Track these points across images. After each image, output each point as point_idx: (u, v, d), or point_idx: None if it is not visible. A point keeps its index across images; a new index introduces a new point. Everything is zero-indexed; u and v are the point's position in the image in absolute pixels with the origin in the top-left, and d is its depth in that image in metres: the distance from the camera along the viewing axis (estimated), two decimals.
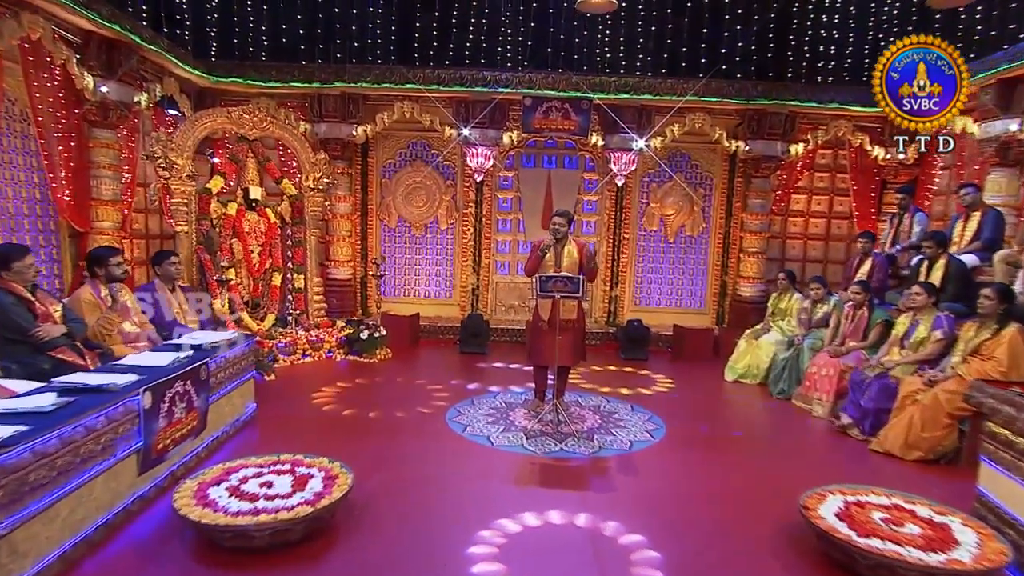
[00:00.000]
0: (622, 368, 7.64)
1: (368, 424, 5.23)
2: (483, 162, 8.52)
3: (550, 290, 5.08)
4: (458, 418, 5.44)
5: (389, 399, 5.97)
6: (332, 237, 8.90)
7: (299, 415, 5.38)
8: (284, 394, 6.01)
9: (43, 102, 6.09)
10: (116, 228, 6.88)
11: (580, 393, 6.31)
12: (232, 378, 4.77)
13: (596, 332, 8.76)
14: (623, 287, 9.18)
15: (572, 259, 5.38)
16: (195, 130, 6.88)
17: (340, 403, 5.75)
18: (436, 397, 6.06)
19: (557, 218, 5.42)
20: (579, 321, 5.48)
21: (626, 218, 9.07)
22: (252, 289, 7.49)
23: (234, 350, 4.80)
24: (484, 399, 6.03)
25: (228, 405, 4.72)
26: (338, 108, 8.42)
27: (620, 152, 8.38)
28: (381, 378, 6.79)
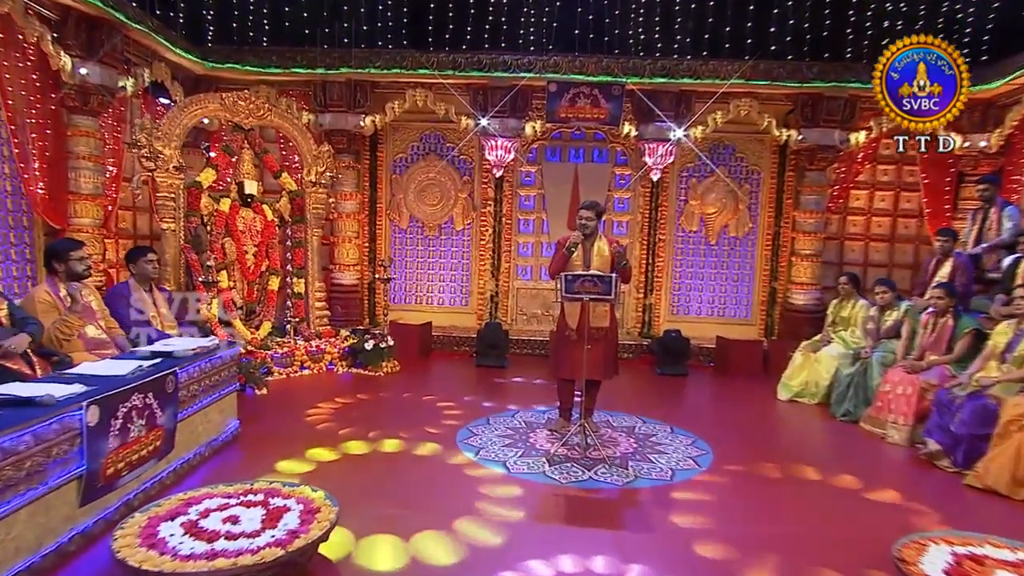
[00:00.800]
0: (659, 384, 7.15)
1: (364, 445, 4.75)
2: (503, 155, 8.10)
3: (577, 291, 4.59)
4: (471, 440, 4.96)
5: (393, 417, 5.55)
6: (337, 238, 8.53)
7: (289, 434, 4.94)
8: (275, 410, 5.61)
9: (14, 84, 5.80)
10: (96, 225, 6.56)
11: (611, 412, 5.81)
12: (209, 391, 4.35)
13: (628, 344, 8.26)
14: (658, 294, 8.65)
15: (603, 258, 4.93)
16: (184, 117, 6.55)
17: (337, 421, 5.32)
18: (447, 415, 5.60)
19: (584, 211, 4.98)
20: (612, 329, 5.05)
21: (662, 217, 8.57)
22: (246, 294, 7.12)
23: (212, 359, 4.38)
24: (501, 418, 5.56)
25: (204, 422, 4.30)
26: (344, 96, 8.08)
27: (656, 143, 7.91)
28: (386, 393, 6.36)
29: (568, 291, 4.63)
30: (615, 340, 5.19)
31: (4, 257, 6.16)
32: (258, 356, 6.57)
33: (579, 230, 4.93)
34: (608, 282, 4.53)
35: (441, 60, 7.82)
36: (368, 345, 7.06)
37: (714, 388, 7.01)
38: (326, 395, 6.08)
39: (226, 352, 4.59)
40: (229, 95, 6.86)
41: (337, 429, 5.10)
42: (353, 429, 5.10)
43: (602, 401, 5.41)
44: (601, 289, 4.55)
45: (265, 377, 6.47)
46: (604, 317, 4.99)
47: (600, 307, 4.91)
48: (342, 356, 7.21)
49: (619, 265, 4.86)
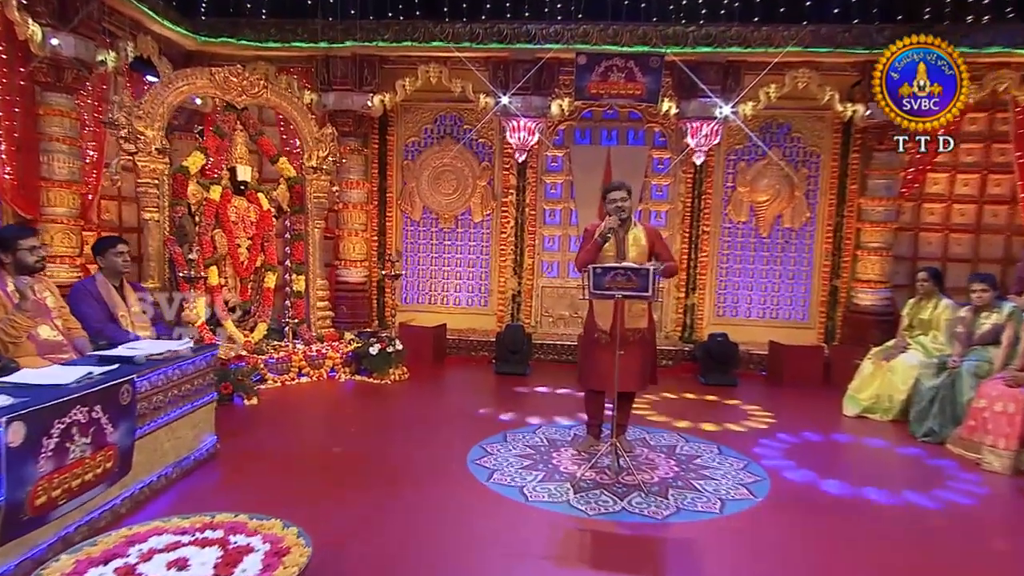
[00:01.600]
0: (703, 396, 6.66)
1: (361, 466, 4.35)
2: (526, 138, 7.70)
3: (608, 287, 4.13)
4: (483, 460, 4.52)
5: (396, 432, 5.18)
6: (342, 231, 8.19)
7: (275, 453, 4.58)
8: (264, 423, 5.27)
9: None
10: (72, 215, 6.28)
11: (648, 428, 5.35)
12: (178, 402, 3.98)
13: (667, 350, 7.80)
14: (702, 294, 8.14)
15: (640, 248, 4.52)
16: (168, 94, 6.25)
17: (332, 436, 4.98)
18: (458, 430, 5.21)
19: (616, 192, 4.54)
20: (650, 332, 4.63)
21: (706, 206, 8.06)
22: (240, 292, 6.77)
23: (182, 365, 4.00)
24: (520, 434, 5.13)
25: (171, 439, 3.92)
26: (350, 73, 7.75)
27: (699, 122, 7.44)
28: (391, 404, 6.00)
29: (597, 286, 4.18)
30: (653, 344, 4.76)
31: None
32: (251, 361, 6.21)
33: (612, 214, 4.48)
34: (645, 276, 4.06)
35: (457, 31, 7.44)
36: (373, 350, 6.67)
37: (768, 401, 6.46)
38: (323, 406, 5.75)
39: (200, 357, 4.20)
40: (220, 70, 6.53)
41: (330, 446, 4.71)
42: (345, 447, 4.71)
43: (637, 415, 4.92)
44: (636, 284, 4.09)
45: (257, 385, 6.12)
46: (641, 317, 4.58)
47: (636, 306, 4.51)
48: (345, 362, 6.84)
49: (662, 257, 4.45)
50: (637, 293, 4.13)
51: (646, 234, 4.60)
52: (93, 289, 4.61)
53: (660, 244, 4.64)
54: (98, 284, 4.65)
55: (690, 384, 7.09)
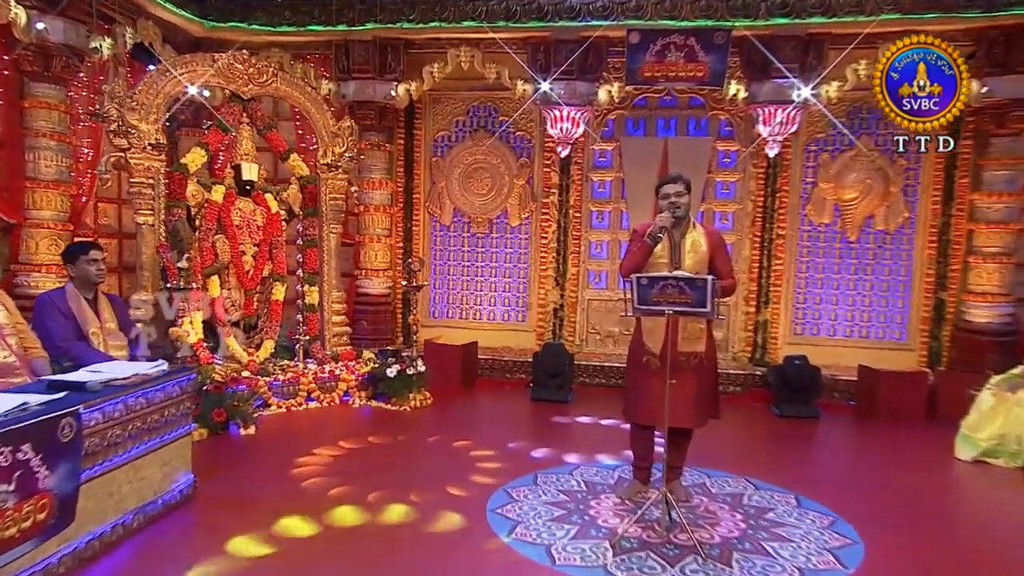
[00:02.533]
0: (777, 431, 6.08)
1: (357, 517, 3.92)
2: (570, 130, 7.28)
3: (656, 300, 3.65)
4: (507, 508, 4.06)
5: (408, 470, 4.79)
6: (363, 237, 7.89)
7: (262, 495, 4.21)
8: (257, 457, 4.95)
9: None
10: (61, 219, 6.14)
11: (709, 471, 4.82)
12: (143, 436, 3.65)
13: (734, 374, 7.24)
14: (776, 308, 7.54)
15: (698, 255, 4.06)
16: (166, 84, 6.04)
17: (332, 474, 4.59)
18: (481, 469, 4.77)
19: (671, 185, 4.12)
20: (709, 356, 4.16)
21: (781, 206, 7.48)
22: (244, 304, 6.49)
23: (148, 392, 3.65)
24: (554, 475, 4.66)
25: (132, 481, 3.58)
26: (371, 60, 7.48)
27: (773, 107, 6.87)
28: (407, 436, 5.62)
29: (643, 300, 3.70)
30: (714, 372, 4.28)
31: None
32: (253, 384, 5.90)
33: (667, 211, 4.03)
34: (701, 288, 3.55)
35: (491, 9, 7.08)
36: (391, 372, 6.29)
37: (858, 438, 5.88)
38: (329, 436, 5.37)
39: (172, 383, 3.85)
40: (224, 57, 6.31)
41: (329, 487, 4.33)
42: (349, 488, 4.32)
43: (695, 454, 4.39)
44: (691, 298, 3.59)
45: (259, 411, 5.82)
46: (698, 339, 4.11)
47: (693, 324, 4.06)
48: (361, 385, 6.49)
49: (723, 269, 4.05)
50: (691, 309, 3.64)
51: (707, 239, 4.13)
52: (61, 302, 4.35)
53: (721, 254, 4.17)
54: (67, 296, 4.39)
55: (762, 416, 6.52)
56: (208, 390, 5.30)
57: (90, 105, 6.53)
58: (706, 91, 7.36)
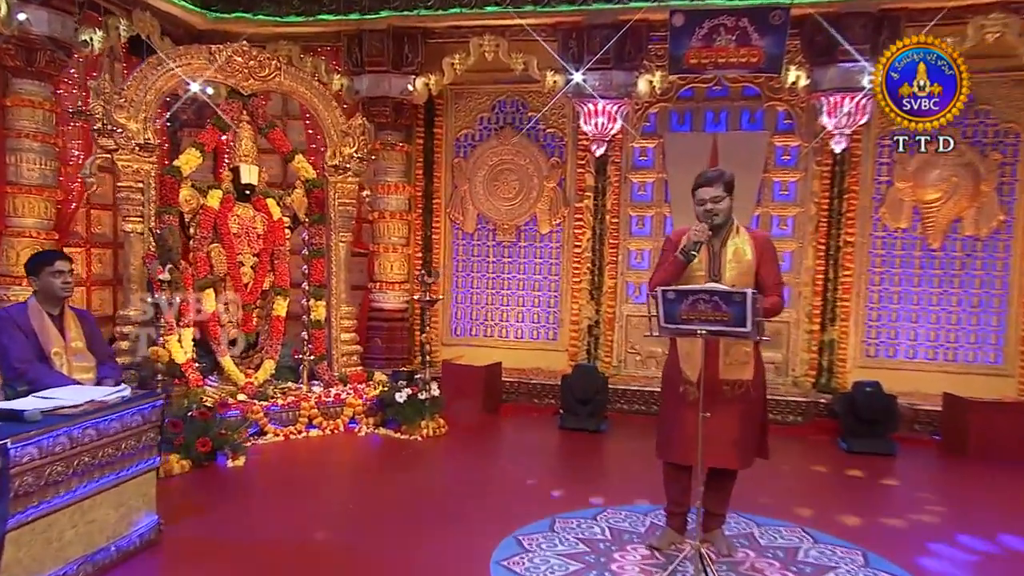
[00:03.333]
0: (843, 470, 5.61)
1: (345, 567, 3.65)
2: (606, 125, 7.04)
3: (686, 319, 3.28)
4: (515, 561, 3.71)
5: (407, 511, 4.47)
6: (379, 246, 7.68)
7: (237, 540, 3.97)
8: (241, 495, 4.74)
9: None
10: (45, 227, 6.09)
11: (758, 519, 4.39)
12: (92, 473, 3.41)
13: (794, 402, 6.80)
14: (845, 326, 7.09)
15: (743, 266, 3.70)
16: (157, 78, 5.95)
17: (320, 516, 4.35)
18: (490, 511, 4.48)
19: (706, 189, 3.73)
20: (756, 385, 3.80)
21: (850, 209, 7.04)
22: (242, 321, 6.29)
23: (100, 423, 3.41)
24: (575, 521, 4.30)
25: (78, 525, 3.35)
26: (386, 51, 7.35)
27: (840, 96, 6.49)
28: (413, 470, 5.37)
29: (670, 318, 3.34)
30: (762, 403, 3.92)
31: None
32: (247, 409, 5.68)
33: (702, 219, 3.68)
34: (740, 304, 3.17)
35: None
36: (401, 396, 6.03)
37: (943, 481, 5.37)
38: (324, 471, 5.13)
39: (130, 411, 3.61)
40: (222, 49, 6.20)
41: (311, 532, 4.05)
42: (333, 533, 4.03)
43: (743, 498, 4.04)
44: (728, 315, 3.23)
45: (253, 439, 5.61)
46: (744, 364, 3.75)
47: (739, 347, 3.68)
48: (369, 410, 6.24)
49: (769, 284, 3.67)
50: (728, 328, 3.26)
51: (754, 246, 3.76)
52: (21, 319, 4.14)
53: (768, 264, 3.79)
54: (29, 312, 4.19)
55: (825, 451, 6.05)
56: (193, 416, 5.09)
57: (84, 103, 6.45)
58: (761, 79, 6.99)
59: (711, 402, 3.62)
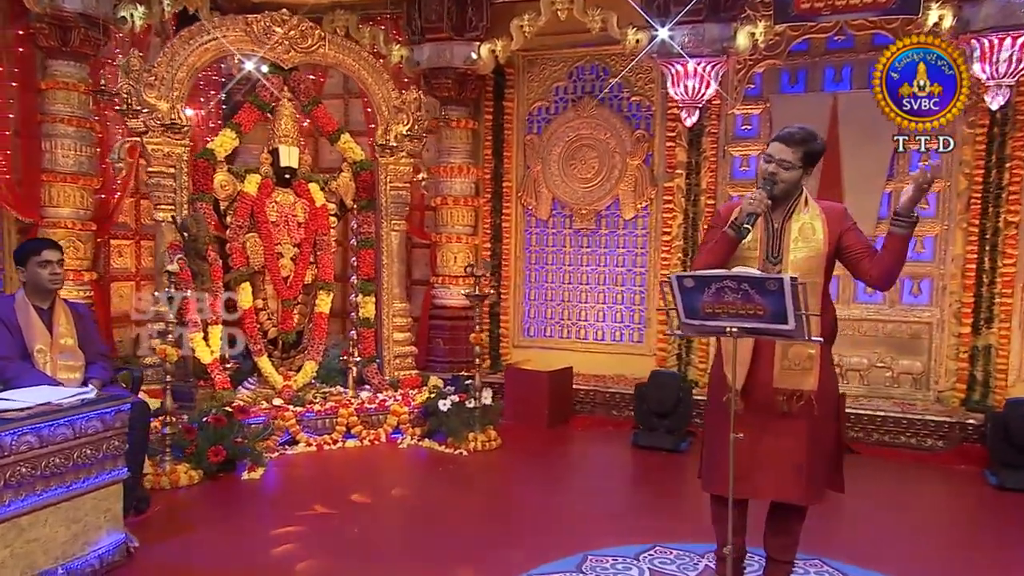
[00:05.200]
0: (989, 510, 4.88)
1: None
2: (698, 89, 6.47)
3: (711, 312, 2.82)
4: None
5: (414, 541, 4.20)
6: (441, 236, 7.42)
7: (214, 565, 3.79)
8: (246, 511, 4.58)
9: None
10: (82, 218, 6.19)
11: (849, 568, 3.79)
12: (34, 486, 3.30)
13: (935, 422, 5.99)
14: (1005, 329, 6.12)
15: (812, 245, 3.18)
16: (189, 53, 5.95)
17: (311, 541, 4.09)
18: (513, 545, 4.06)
19: (776, 145, 3.20)
20: (824, 397, 3.21)
21: (1012, 181, 6.09)
22: (282, 318, 6.18)
23: (42, 428, 3.30)
24: (608, 558, 3.86)
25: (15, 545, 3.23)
26: (447, 16, 7.08)
27: (998, 36, 5.62)
28: (446, 490, 5.09)
29: (691, 312, 2.84)
30: (830, 420, 3.30)
31: None
32: (278, 415, 5.57)
33: (761, 186, 3.17)
34: (777, 293, 2.62)
35: None
36: (444, 405, 5.72)
37: None
38: (346, 487, 4.97)
39: (83, 416, 3.48)
40: (260, 18, 6.12)
41: (297, 562, 3.79)
42: (322, 564, 3.78)
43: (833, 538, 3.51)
44: (764, 308, 2.68)
45: (285, 449, 5.52)
46: (807, 370, 3.19)
47: (799, 347, 3.14)
48: (415, 420, 5.97)
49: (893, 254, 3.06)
50: (764, 325, 2.72)
51: (826, 222, 3.19)
52: (6, 312, 4.16)
53: (850, 232, 3.21)
54: (16, 305, 4.20)
55: (967, 486, 5.27)
56: (208, 423, 5.00)
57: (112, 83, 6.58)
58: (896, 23, 6.14)
59: (763, 417, 3.17)
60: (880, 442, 6.03)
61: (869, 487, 5.17)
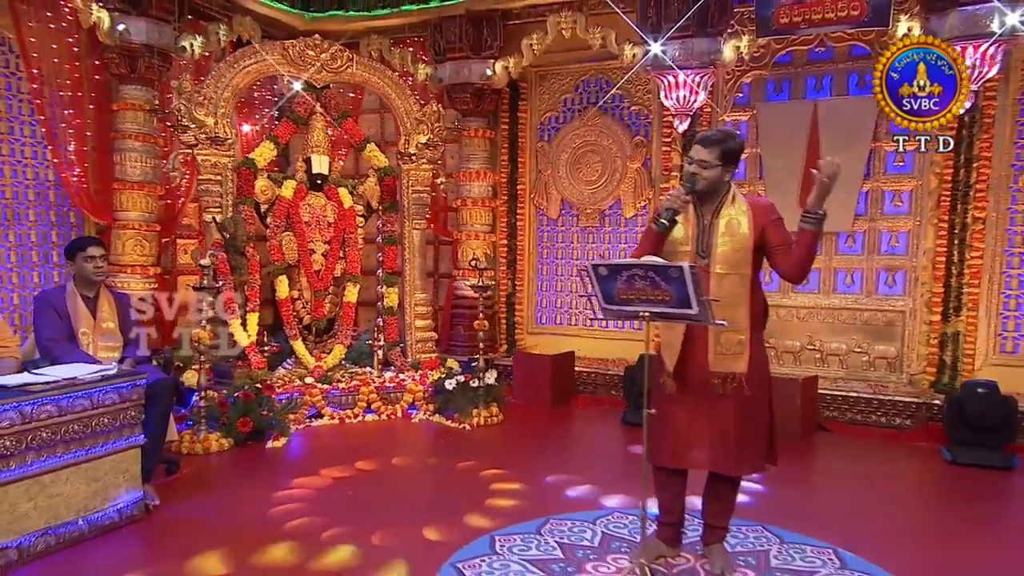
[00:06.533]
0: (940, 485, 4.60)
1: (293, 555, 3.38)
2: (688, 98, 6.19)
3: (624, 298, 2.72)
4: (473, 568, 3.20)
5: (396, 504, 4.11)
6: (461, 234, 7.36)
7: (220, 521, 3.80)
8: (261, 474, 4.58)
9: (41, 48, 5.68)
10: (148, 220, 6.28)
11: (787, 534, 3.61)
12: (54, 449, 3.38)
13: (903, 403, 5.71)
14: (972, 317, 5.78)
15: (738, 239, 3.07)
16: (234, 75, 6.01)
17: (311, 502, 4.08)
18: (488, 509, 3.98)
19: (698, 148, 3.10)
20: (754, 379, 3.13)
21: (980, 179, 5.74)
22: (314, 306, 6.22)
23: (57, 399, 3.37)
24: (568, 522, 3.76)
25: (36, 498, 3.31)
26: (465, 37, 6.99)
27: (963, 45, 5.25)
28: (442, 458, 5.04)
29: (608, 298, 2.75)
30: (763, 399, 3.21)
31: (44, 259, 6.13)
32: (307, 392, 5.60)
33: (686, 183, 3.07)
34: (679, 280, 2.52)
35: None
36: (450, 384, 5.67)
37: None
38: (354, 454, 4.91)
39: (101, 390, 3.55)
40: (295, 43, 6.16)
41: (292, 518, 3.81)
42: (311, 520, 3.79)
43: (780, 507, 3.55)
44: (669, 294, 2.56)
45: (309, 422, 5.52)
46: (736, 356, 3.12)
47: (729, 334, 3.08)
48: (428, 397, 5.92)
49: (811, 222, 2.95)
50: (672, 309, 2.62)
51: (751, 216, 3.07)
52: (58, 300, 4.26)
53: (773, 226, 3.10)
54: (66, 294, 4.30)
55: (926, 460, 5.00)
56: (238, 397, 5.06)
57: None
58: (871, 35, 5.88)
59: (700, 398, 3.10)
60: (853, 421, 5.76)
61: (833, 463, 4.98)
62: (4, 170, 5.73)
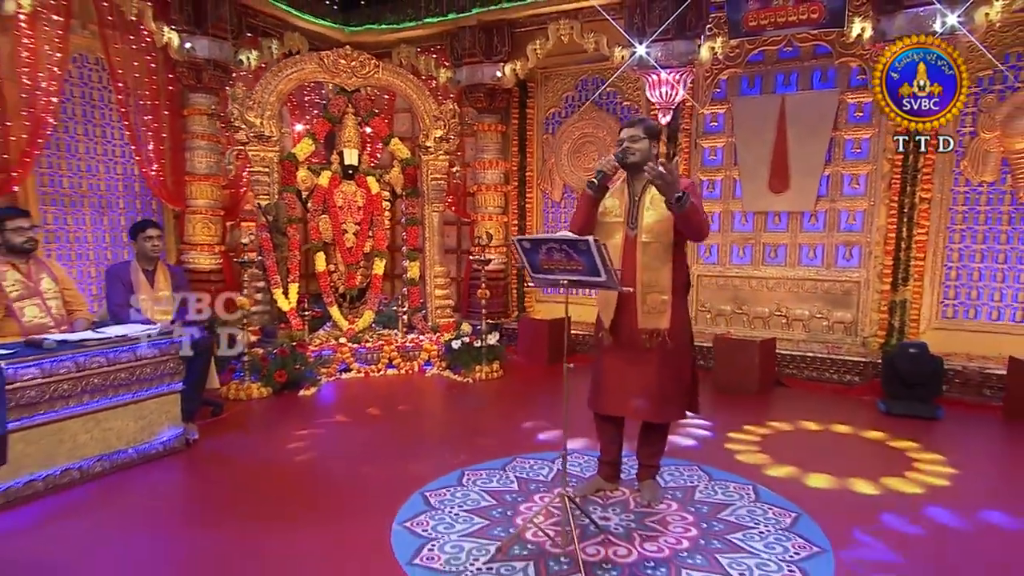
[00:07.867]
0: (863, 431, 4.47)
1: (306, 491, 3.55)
2: (670, 94, 6.05)
3: (547, 268, 2.77)
4: (439, 496, 3.33)
5: (390, 443, 4.25)
6: (478, 215, 7.40)
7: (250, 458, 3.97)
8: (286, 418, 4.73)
9: (125, 65, 5.91)
10: (213, 207, 6.47)
11: (715, 471, 3.67)
12: (105, 391, 3.63)
13: (853, 362, 5.64)
14: (918, 287, 5.62)
15: (659, 210, 3.10)
16: (279, 82, 6.12)
17: (319, 440, 4.26)
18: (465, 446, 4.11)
19: (627, 130, 3.24)
20: (676, 334, 3.16)
21: (926, 165, 5.52)
22: (347, 278, 6.40)
23: (110, 352, 3.63)
24: (531, 460, 3.87)
25: (91, 431, 3.56)
26: (477, 44, 6.95)
27: None
28: (440, 406, 5.22)
29: (535, 268, 2.81)
30: (685, 353, 3.24)
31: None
32: (339, 350, 5.80)
33: (617, 158, 3.17)
34: (587, 252, 2.56)
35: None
36: (456, 343, 5.78)
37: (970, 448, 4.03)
38: (368, 403, 5.10)
39: (142, 345, 3.79)
40: (329, 54, 6.25)
41: (297, 455, 3.97)
42: (316, 455, 3.97)
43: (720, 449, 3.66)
44: (583, 265, 2.62)
45: (339, 375, 5.73)
46: (660, 314, 3.13)
47: (655, 295, 3.11)
48: (441, 355, 6.05)
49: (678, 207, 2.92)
50: (585, 278, 2.67)
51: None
52: (123, 272, 4.51)
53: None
54: (130, 268, 4.54)
55: (864, 411, 4.92)
56: (276, 353, 5.28)
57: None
58: (833, 35, 5.67)
59: (631, 352, 3.15)
60: (809, 377, 5.70)
61: (780, 413, 4.91)
62: (100, 167, 6.03)
